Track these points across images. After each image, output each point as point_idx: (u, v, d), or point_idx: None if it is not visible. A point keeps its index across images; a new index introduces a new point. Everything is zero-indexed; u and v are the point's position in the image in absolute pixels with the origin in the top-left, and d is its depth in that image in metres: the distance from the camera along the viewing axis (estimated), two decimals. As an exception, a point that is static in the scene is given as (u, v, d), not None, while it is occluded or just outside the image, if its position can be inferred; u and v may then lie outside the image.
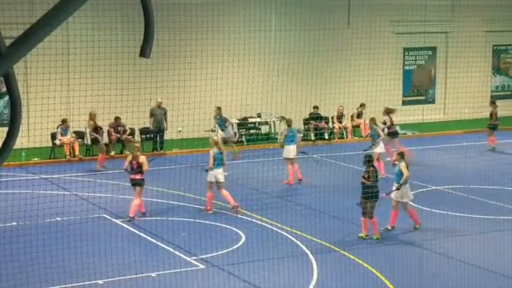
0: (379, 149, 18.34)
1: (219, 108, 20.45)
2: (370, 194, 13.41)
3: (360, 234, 13.61)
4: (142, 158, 14.95)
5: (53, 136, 20.66)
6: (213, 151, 15.45)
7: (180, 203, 15.69)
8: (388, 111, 20.53)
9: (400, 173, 13.74)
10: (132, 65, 18.62)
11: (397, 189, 13.76)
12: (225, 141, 18.70)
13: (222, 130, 20.10)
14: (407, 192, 13.96)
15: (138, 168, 14.83)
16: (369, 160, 13.82)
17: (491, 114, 22.17)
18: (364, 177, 13.52)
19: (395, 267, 12.35)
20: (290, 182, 17.74)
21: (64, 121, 20.76)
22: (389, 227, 13.92)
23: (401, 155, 14.08)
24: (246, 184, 17.81)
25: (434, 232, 14.02)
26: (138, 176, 14.82)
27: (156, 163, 17.00)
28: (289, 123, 18.19)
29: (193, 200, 16.16)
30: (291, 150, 17.77)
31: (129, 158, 15.08)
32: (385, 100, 23.87)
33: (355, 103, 24.77)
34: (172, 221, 14.67)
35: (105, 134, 21.68)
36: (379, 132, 18.60)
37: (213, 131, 20.29)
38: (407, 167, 13.85)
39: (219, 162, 15.30)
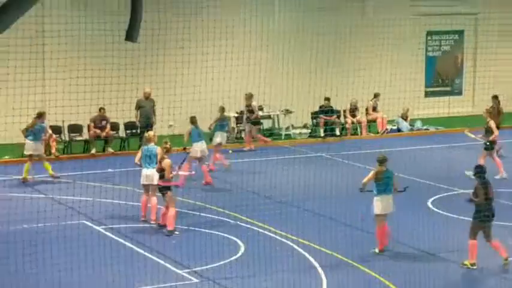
0: (219, 138, 18.84)
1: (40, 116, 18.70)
2: (483, 214, 12.68)
3: (465, 262, 12.93)
4: (166, 163, 14.35)
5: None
6: (143, 147, 15.36)
7: (170, 208, 15.65)
8: (249, 96, 21.68)
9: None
10: (117, 50, 18.54)
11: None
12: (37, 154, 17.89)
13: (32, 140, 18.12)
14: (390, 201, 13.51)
15: (161, 173, 14.40)
16: (478, 172, 12.92)
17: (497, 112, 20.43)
18: (473, 194, 12.79)
19: (417, 283, 12.32)
20: (209, 182, 17.76)
21: (40, 115, 20.73)
22: (377, 251, 13.49)
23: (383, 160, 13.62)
24: (246, 187, 17.79)
25: (461, 242, 13.98)
26: (160, 182, 14.47)
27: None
28: (193, 121, 18.07)
29: (186, 204, 16.16)
30: (197, 150, 17.68)
31: (159, 158, 14.69)
32: (405, 91, 23.84)
33: (370, 94, 24.74)
34: (161, 228, 14.66)
35: (86, 129, 21.73)
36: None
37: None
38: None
39: (150, 160, 14.99)
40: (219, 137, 19.14)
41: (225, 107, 19.82)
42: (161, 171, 14.43)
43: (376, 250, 13.51)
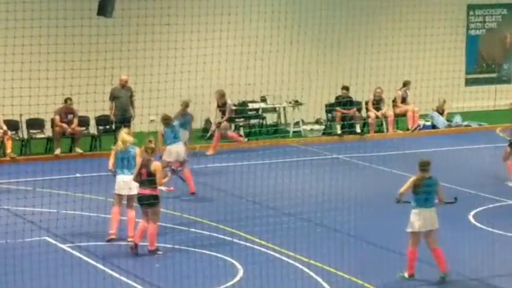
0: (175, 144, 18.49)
1: None
2: None
3: None
4: (156, 165, 14.27)
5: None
6: (115, 148, 15.22)
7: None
8: (222, 95, 22.00)
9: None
10: (87, 27, 18.58)
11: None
12: None
13: None
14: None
15: (149, 179, 14.15)
16: None
17: None
18: None
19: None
20: (193, 192, 17.96)
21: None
22: (406, 275, 13.47)
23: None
24: (246, 196, 17.80)
25: (509, 264, 14.00)
26: (147, 191, 14.23)
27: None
28: (167, 121, 18.25)
29: (172, 217, 16.17)
30: (172, 153, 17.76)
31: (138, 162, 14.48)
32: (441, 78, 23.86)
33: (398, 82, 24.73)
34: (142, 247, 14.65)
35: (49, 124, 21.76)
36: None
37: None
38: None
39: (127, 164, 14.87)
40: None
41: (189, 102, 19.77)
42: (148, 176, 14.20)
43: (405, 274, 13.50)
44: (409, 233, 13.45)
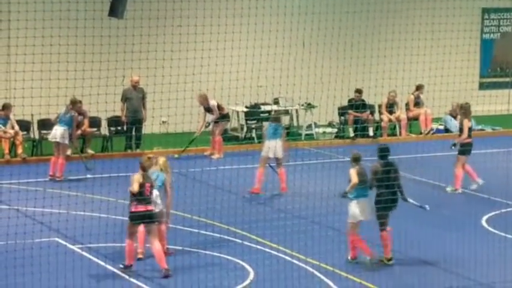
0: None
1: None
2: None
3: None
4: (133, 178, 13.60)
5: (-13, 127, 20.82)
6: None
7: (163, 224, 15.69)
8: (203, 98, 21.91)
9: None
10: (99, 28, 18.61)
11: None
12: None
13: None
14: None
15: (151, 194, 13.70)
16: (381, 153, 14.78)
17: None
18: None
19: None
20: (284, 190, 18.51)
21: (5, 107, 20.85)
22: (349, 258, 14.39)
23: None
24: (257, 199, 17.76)
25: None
26: (150, 207, 13.71)
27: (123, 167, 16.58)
28: (275, 118, 19.32)
29: (182, 220, 16.19)
30: (271, 147, 18.33)
31: (138, 177, 13.56)
32: (455, 82, 23.78)
33: (411, 86, 24.68)
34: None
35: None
36: None
37: None
38: None
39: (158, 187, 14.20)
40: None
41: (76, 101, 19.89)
42: (151, 191, 13.66)
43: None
44: (351, 222, 14.31)
